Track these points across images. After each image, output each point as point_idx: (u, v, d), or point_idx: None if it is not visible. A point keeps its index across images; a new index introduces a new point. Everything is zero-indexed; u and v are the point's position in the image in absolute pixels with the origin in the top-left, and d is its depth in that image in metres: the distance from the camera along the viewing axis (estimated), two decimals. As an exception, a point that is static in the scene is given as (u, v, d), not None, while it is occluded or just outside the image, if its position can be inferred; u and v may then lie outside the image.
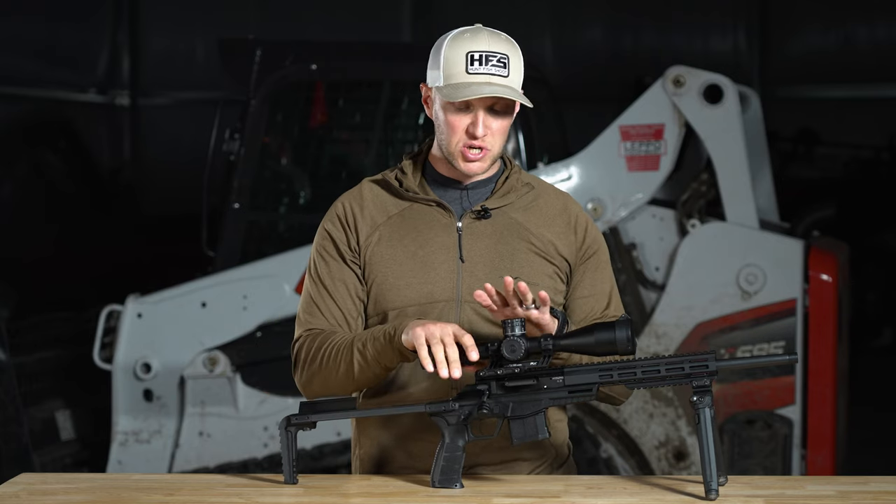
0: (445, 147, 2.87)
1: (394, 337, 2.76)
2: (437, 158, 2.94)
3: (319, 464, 5.95)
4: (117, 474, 4.62)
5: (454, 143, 2.85)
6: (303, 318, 2.94)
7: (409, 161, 2.97)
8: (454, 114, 2.83)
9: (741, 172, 5.78)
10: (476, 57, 2.81)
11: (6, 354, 6.10)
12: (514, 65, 2.83)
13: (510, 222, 2.92)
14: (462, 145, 2.84)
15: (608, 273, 2.97)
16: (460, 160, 2.86)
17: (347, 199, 2.98)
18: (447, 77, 2.82)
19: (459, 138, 2.84)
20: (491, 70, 2.81)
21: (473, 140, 2.83)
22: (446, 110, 2.84)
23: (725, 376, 5.68)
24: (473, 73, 2.80)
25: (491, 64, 2.81)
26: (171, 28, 13.07)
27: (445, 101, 2.83)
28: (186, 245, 7.11)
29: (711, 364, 2.68)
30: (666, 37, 12.84)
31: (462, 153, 2.85)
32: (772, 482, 2.90)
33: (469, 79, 2.80)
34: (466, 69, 2.81)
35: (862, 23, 12.98)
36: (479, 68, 2.80)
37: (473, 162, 2.85)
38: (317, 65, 6.41)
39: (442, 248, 2.90)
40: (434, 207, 2.92)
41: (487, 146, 2.85)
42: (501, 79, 2.81)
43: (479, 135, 2.82)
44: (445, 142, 2.87)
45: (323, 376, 2.86)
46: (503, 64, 2.82)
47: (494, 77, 2.81)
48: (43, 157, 11.40)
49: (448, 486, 2.75)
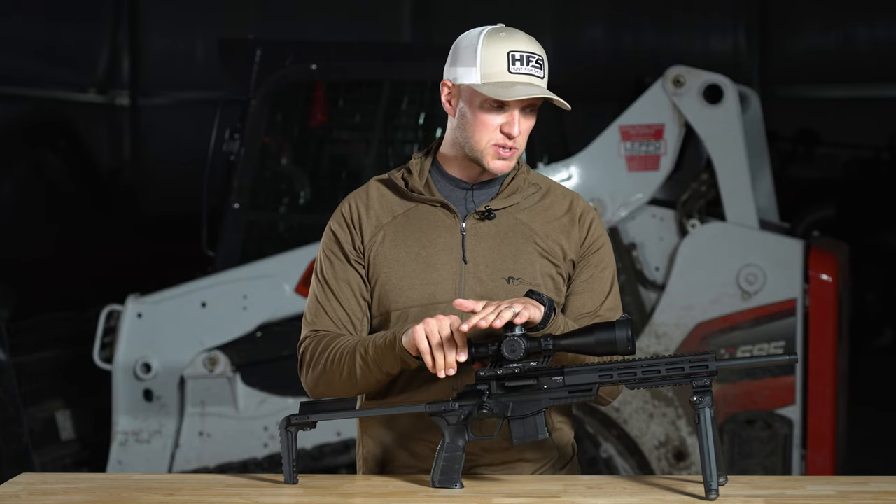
0: (472, 145, 2.86)
1: (395, 342, 2.76)
2: (447, 158, 2.94)
3: (319, 464, 5.95)
4: (117, 474, 4.62)
5: (485, 142, 2.85)
6: (308, 318, 2.95)
7: (416, 160, 2.97)
8: (489, 112, 2.83)
9: (741, 172, 5.78)
10: (517, 57, 2.81)
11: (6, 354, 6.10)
12: (546, 67, 2.86)
13: (515, 223, 2.91)
14: (493, 144, 2.84)
15: (609, 273, 2.96)
16: (489, 158, 2.85)
17: (354, 198, 2.98)
18: (487, 76, 2.81)
19: (491, 137, 2.84)
20: (531, 70, 2.82)
21: (508, 140, 2.84)
22: (480, 108, 2.83)
23: (725, 376, 5.68)
24: (516, 73, 2.81)
25: (531, 65, 2.82)
26: (171, 28, 13.07)
27: (482, 100, 2.82)
28: (186, 245, 7.11)
29: (711, 364, 2.68)
30: (666, 37, 12.84)
31: (494, 152, 2.85)
32: (772, 482, 2.90)
33: (512, 78, 2.81)
34: (509, 68, 2.81)
35: (862, 23, 12.98)
36: (521, 68, 2.81)
37: (503, 160, 2.86)
38: (317, 65, 6.41)
39: (445, 249, 2.90)
40: (439, 208, 2.92)
41: (517, 146, 2.86)
42: (539, 80, 2.83)
43: (515, 134, 2.83)
44: (473, 140, 2.85)
45: (327, 379, 2.87)
46: (540, 66, 2.84)
47: (534, 78, 2.82)
48: (43, 157, 11.40)
49: (448, 486, 2.75)
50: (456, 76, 2.86)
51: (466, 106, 2.85)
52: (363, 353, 2.81)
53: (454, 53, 2.88)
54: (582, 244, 2.94)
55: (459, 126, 2.88)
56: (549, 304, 2.74)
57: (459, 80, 2.86)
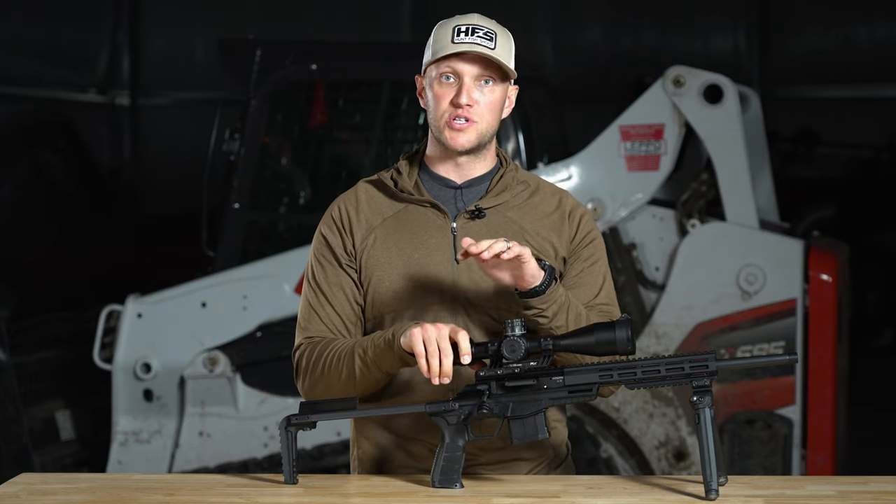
0: (434, 125, 2.86)
1: (393, 341, 2.76)
2: (432, 158, 2.93)
3: (319, 464, 5.95)
4: (117, 474, 4.62)
5: (440, 115, 2.84)
6: (302, 324, 2.94)
7: (404, 161, 2.97)
8: (440, 86, 2.84)
9: (741, 172, 5.78)
10: (462, 29, 2.82)
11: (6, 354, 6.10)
12: (501, 41, 2.83)
13: (505, 221, 2.91)
14: (448, 116, 2.84)
15: (601, 267, 2.95)
16: (446, 131, 2.84)
17: (343, 201, 2.97)
18: (434, 52, 2.84)
19: (445, 109, 2.83)
20: (476, 40, 2.81)
21: (458, 109, 2.82)
22: (433, 85, 2.84)
23: (725, 376, 5.68)
24: (459, 42, 2.81)
25: (477, 35, 2.82)
26: (171, 28, 13.07)
27: (432, 76, 2.83)
28: (186, 245, 7.11)
29: (711, 364, 2.68)
30: (666, 37, 12.84)
31: (448, 123, 2.84)
32: (772, 482, 2.90)
33: (455, 47, 2.81)
34: (452, 39, 2.82)
35: (862, 23, 12.98)
36: (465, 38, 2.81)
37: (459, 132, 2.84)
38: (317, 65, 6.40)
39: (437, 249, 2.89)
40: (429, 208, 2.91)
41: (474, 118, 2.84)
42: (487, 49, 2.81)
43: (463, 102, 2.81)
44: (433, 119, 2.86)
45: (325, 383, 2.86)
46: (490, 38, 2.82)
47: (479, 47, 2.81)
48: (43, 157, 11.40)
49: (448, 486, 2.75)
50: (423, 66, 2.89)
51: (427, 88, 2.87)
52: (362, 353, 2.80)
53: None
54: (572, 240, 2.93)
55: (428, 113, 2.89)
56: (549, 271, 2.74)
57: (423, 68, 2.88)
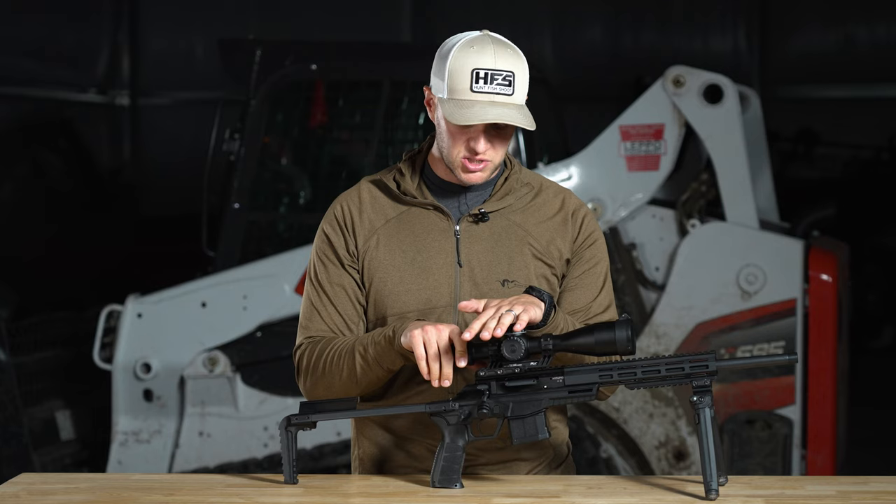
0: (446, 155, 2.85)
1: (393, 339, 2.76)
2: (436, 160, 2.93)
3: (319, 464, 5.95)
4: (117, 474, 4.62)
5: (454, 155, 2.83)
6: (304, 323, 2.94)
7: (407, 162, 2.96)
8: (455, 129, 2.81)
9: (741, 172, 5.78)
10: (481, 75, 2.77)
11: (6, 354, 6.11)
12: (519, 81, 2.80)
13: (508, 224, 2.91)
14: (462, 157, 2.83)
15: (601, 268, 2.95)
16: (460, 171, 2.84)
17: (345, 200, 2.96)
18: (451, 91, 2.79)
19: (460, 150, 2.82)
20: (495, 89, 2.77)
21: (474, 155, 2.82)
22: (447, 123, 2.82)
23: (725, 376, 5.68)
24: (478, 92, 2.77)
25: (496, 83, 2.77)
26: (170, 28, 13.08)
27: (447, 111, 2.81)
28: (186, 245, 7.11)
29: (711, 364, 2.68)
30: (666, 37, 12.85)
31: (462, 164, 2.83)
32: (772, 482, 2.89)
33: (473, 97, 2.77)
34: (471, 87, 2.77)
35: (862, 23, 12.99)
36: (484, 87, 2.77)
37: (474, 173, 2.84)
38: (317, 65, 6.40)
39: (440, 252, 2.89)
40: (432, 211, 2.91)
41: (489, 159, 2.83)
42: (506, 97, 2.78)
43: (481, 150, 2.80)
44: (446, 151, 2.85)
45: (326, 381, 2.86)
46: (508, 82, 2.78)
47: (498, 97, 2.77)
48: (43, 157, 11.41)
49: (448, 486, 2.75)
50: (433, 85, 2.86)
51: (441, 118, 2.84)
52: (362, 351, 2.80)
53: (435, 60, 2.86)
54: (575, 240, 2.93)
55: (438, 134, 2.88)
56: (549, 301, 2.74)
57: (434, 91, 2.85)
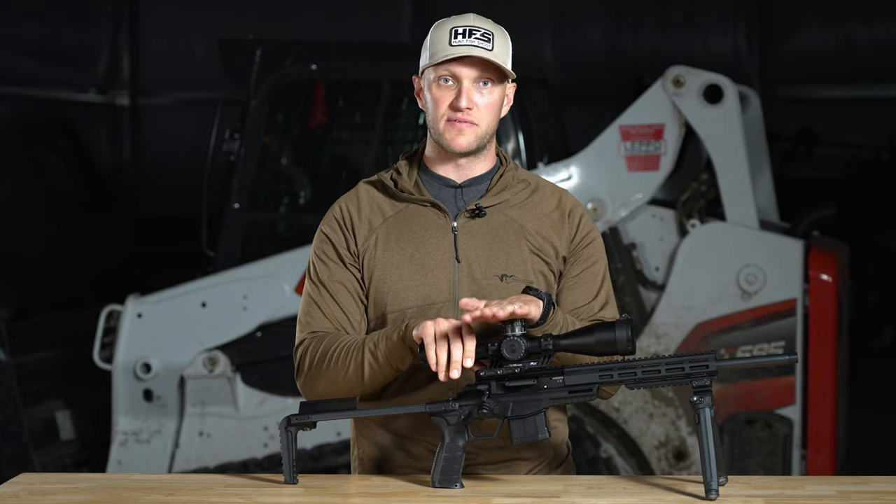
0: (434, 127, 2.86)
1: (405, 334, 2.75)
2: (431, 158, 2.93)
3: (319, 464, 5.95)
4: (117, 474, 4.62)
5: (440, 118, 2.84)
6: (304, 320, 2.92)
7: (404, 161, 2.97)
8: (439, 89, 2.84)
9: (741, 172, 5.78)
10: (459, 31, 2.82)
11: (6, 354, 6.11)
12: (498, 42, 2.84)
13: (506, 220, 2.91)
14: (447, 119, 2.84)
15: (599, 267, 2.96)
16: (446, 134, 2.84)
17: (344, 202, 2.97)
18: (433, 55, 2.84)
19: (444, 112, 2.84)
20: (474, 42, 2.82)
21: (458, 113, 2.82)
22: (432, 87, 2.84)
23: (725, 376, 5.68)
24: (456, 45, 2.82)
25: (474, 37, 2.82)
26: (170, 28, 13.08)
27: (430, 78, 2.84)
28: (186, 245, 7.11)
29: (711, 364, 2.68)
30: (666, 37, 12.84)
31: (448, 126, 2.84)
32: (772, 482, 2.89)
33: (452, 50, 2.81)
34: (450, 42, 2.82)
35: (862, 23, 12.99)
36: (462, 40, 2.82)
37: (460, 134, 2.84)
38: (317, 65, 6.40)
39: (438, 248, 2.89)
40: (429, 208, 2.91)
41: (474, 119, 2.84)
42: (485, 51, 2.82)
43: (463, 106, 2.82)
44: (432, 120, 2.86)
45: (329, 378, 2.84)
46: (487, 39, 2.82)
47: (476, 49, 2.81)
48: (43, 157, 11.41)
49: (448, 486, 2.75)
50: (420, 67, 2.89)
51: (426, 90, 2.87)
52: (372, 347, 2.79)
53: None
54: (572, 240, 2.93)
55: (426, 115, 2.89)
56: (547, 300, 2.74)
57: (421, 68, 2.89)
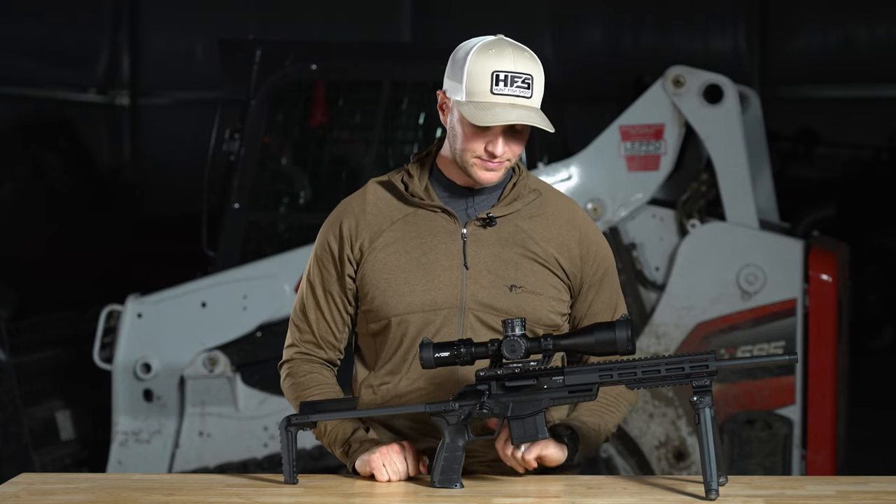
0: (460, 157, 2.84)
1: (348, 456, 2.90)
2: (446, 162, 2.91)
3: (319, 464, 5.94)
4: (117, 474, 4.63)
5: (468, 156, 2.83)
6: (295, 321, 3.02)
7: (415, 164, 2.95)
8: (473, 131, 2.80)
9: (741, 172, 5.78)
10: (501, 77, 2.77)
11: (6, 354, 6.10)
12: (536, 84, 2.80)
13: (515, 230, 2.90)
14: (478, 157, 2.82)
15: (615, 285, 2.99)
16: (476, 170, 2.83)
17: (351, 202, 2.96)
18: (470, 94, 2.78)
19: (475, 152, 2.82)
20: (515, 91, 2.77)
21: (493, 158, 2.81)
22: (465, 125, 2.81)
23: (725, 376, 5.68)
24: (498, 94, 2.77)
25: (516, 85, 2.77)
26: (170, 28, 13.08)
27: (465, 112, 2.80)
28: (186, 245, 7.11)
29: (711, 364, 2.68)
30: (666, 37, 12.84)
31: (480, 164, 2.82)
32: (772, 482, 2.89)
33: (493, 99, 2.77)
34: (491, 89, 2.77)
35: (862, 23, 12.99)
36: (504, 89, 2.77)
37: (490, 172, 2.84)
38: (317, 65, 6.40)
39: (446, 254, 2.88)
40: (439, 214, 2.90)
41: (505, 160, 2.83)
42: (525, 100, 2.78)
43: (499, 153, 2.80)
44: (459, 152, 2.84)
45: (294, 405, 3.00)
46: (527, 85, 2.78)
47: (518, 99, 2.77)
48: (43, 157, 11.41)
49: (448, 486, 2.75)
50: (447, 88, 2.85)
51: (455, 120, 2.83)
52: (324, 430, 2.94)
53: (449, 64, 2.85)
54: (589, 267, 2.94)
55: (450, 136, 2.87)
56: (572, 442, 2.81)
57: (450, 94, 2.84)
